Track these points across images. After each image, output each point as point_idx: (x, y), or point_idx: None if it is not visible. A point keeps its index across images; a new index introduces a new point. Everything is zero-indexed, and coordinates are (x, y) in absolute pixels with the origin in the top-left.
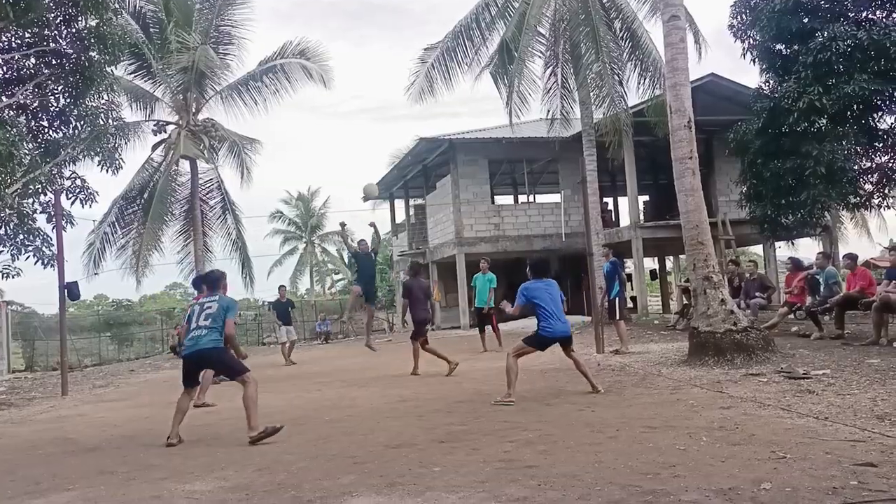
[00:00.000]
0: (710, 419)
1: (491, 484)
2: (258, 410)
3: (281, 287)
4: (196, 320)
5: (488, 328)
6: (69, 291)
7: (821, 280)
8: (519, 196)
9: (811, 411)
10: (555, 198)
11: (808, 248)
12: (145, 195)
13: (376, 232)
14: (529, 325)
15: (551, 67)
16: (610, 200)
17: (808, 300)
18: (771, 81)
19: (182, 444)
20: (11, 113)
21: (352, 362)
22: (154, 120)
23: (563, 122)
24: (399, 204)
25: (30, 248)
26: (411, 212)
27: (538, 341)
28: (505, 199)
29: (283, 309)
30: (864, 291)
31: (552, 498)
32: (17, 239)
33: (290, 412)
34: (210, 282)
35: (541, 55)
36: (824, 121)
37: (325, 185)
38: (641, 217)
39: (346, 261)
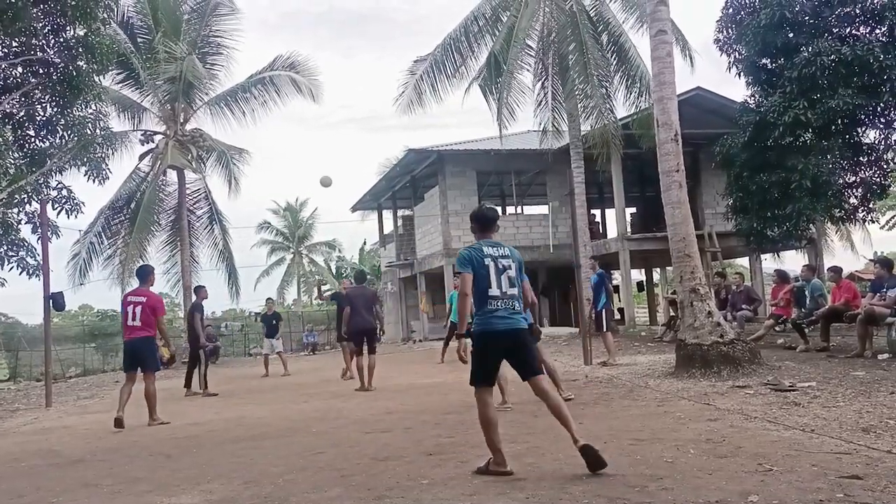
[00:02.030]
0: (698, 431)
1: (479, 497)
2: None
3: (269, 300)
4: (498, 282)
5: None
6: (54, 302)
7: (806, 292)
8: (507, 208)
9: (797, 424)
10: (543, 209)
11: (793, 261)
12: (132, 205)
13: None
14: None
15: (541, 80)
16: (598, 212)
17: (794, 312)
18: (757, 95)
19: (171, 458)
20: None
21: (339, 373)
22: (141, 130)
23: (554, 135)
24: (387, 215)
25: (14, 259)
26: (399, 223)
27: None
28: None
29: (269, 321)
30: (849, 304)
31: None
32: (1, 249)
33: (276, 424)
34: (485, 222)
35: (529, 68)
36: (809, 135)
37: (312, 196)
38: (629, 229)
39: (335, 272)
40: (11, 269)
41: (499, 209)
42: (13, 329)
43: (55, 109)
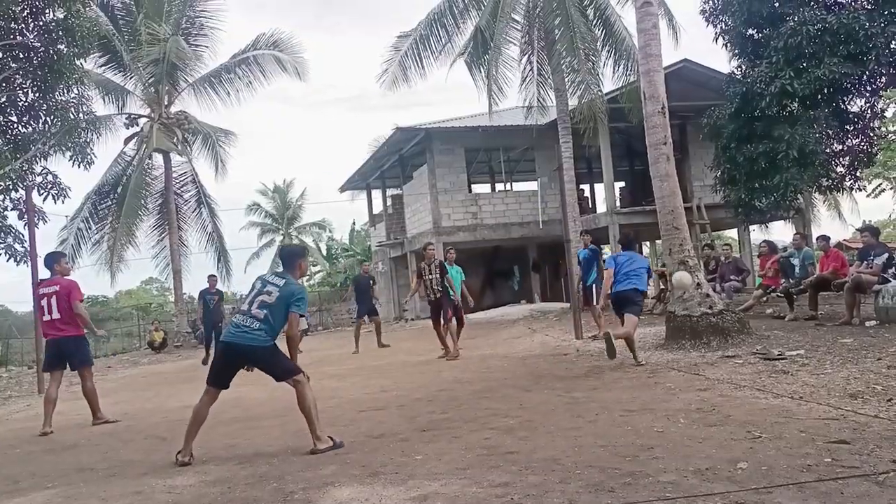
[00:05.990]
0: (688, 401)
1: (473, 471)
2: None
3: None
4: (249, 301)
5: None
6: None
7: (795, 262)
8: (496, 184)
9: (786, 391)
10: (532, 185)
11: (781, 232)
12: (119, 190)
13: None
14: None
15: (527, 55)
16: (587, 187)
17: (783, 282)
18: (743, 66)
19: (166, 440)
20: None
21: (332, 354)
22: (126, 113)
23: (540, 110)
24: (376, 194)
25: (1, 246)
26: (388, 202)
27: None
28: (482, 188)
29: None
30: (837, 272)
31: (533, 483)
32: None
33: (272, 404)
34: (283, 258)
35: (516, 42)
36: (796, 104)
37: (300, 177)
38: (618, 203)
39: (325, 253)
40: None
41: (486, 186)
42: (3, 317)
43: (37, 94)
